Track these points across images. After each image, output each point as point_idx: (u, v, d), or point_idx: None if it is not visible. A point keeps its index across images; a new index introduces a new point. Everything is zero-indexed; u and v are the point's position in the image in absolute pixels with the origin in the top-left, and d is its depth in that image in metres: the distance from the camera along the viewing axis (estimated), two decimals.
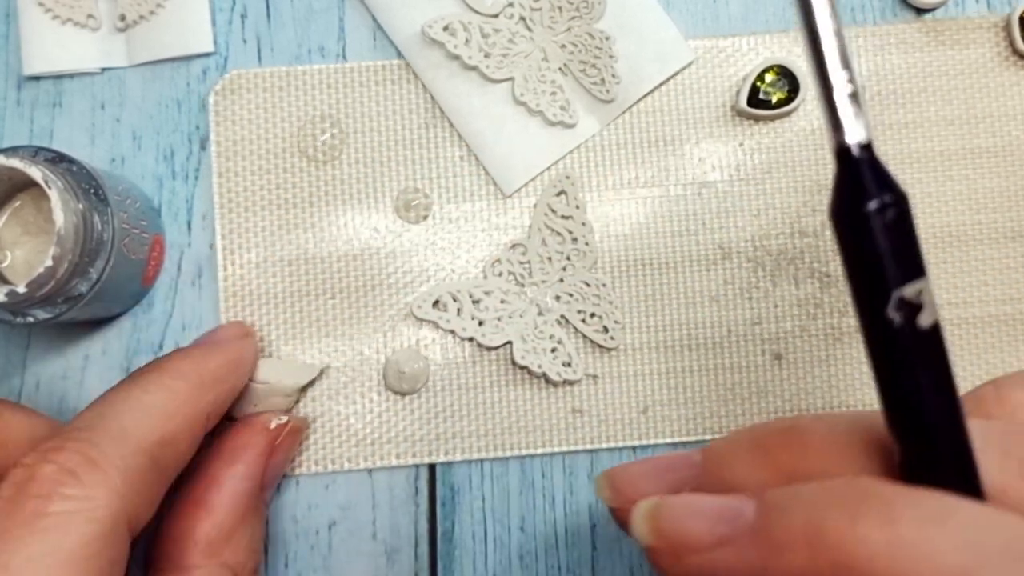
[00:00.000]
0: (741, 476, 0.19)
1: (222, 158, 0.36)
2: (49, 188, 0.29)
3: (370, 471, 0.35)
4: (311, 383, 0.35)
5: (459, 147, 0.36)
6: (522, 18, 0.36)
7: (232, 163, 0.36)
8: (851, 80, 0.16)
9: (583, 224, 0.36)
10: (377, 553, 0.35)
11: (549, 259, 0.36)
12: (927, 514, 0.15)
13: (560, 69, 0.36)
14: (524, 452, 0.35)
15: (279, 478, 0.33)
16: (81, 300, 0.31)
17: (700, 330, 0.36)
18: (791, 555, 0.16)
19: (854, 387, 0.35)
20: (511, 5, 0.36)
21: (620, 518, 0.21)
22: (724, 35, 0.37)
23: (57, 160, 0.32)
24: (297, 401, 0.35)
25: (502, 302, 0.35)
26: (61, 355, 0.35)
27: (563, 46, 0.36)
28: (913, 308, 0.16)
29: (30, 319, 0.31)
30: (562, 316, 0.35)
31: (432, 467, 0.35)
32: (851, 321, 0.36)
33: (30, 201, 0.32)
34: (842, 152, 0.16)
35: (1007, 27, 0.37)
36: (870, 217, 0.15)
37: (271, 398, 0.33)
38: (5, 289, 0.29)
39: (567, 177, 0.36)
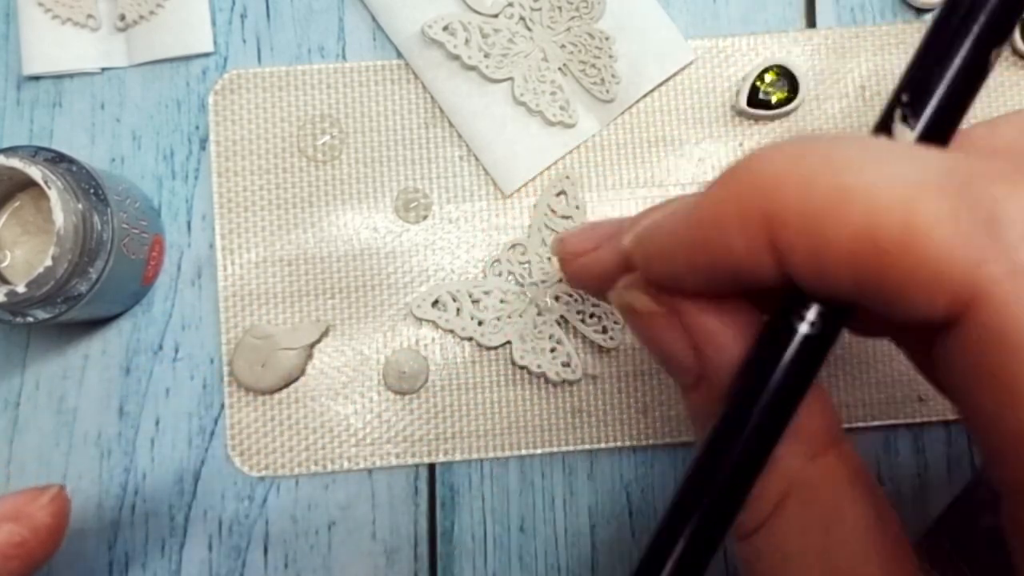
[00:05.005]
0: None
1: (221, 158, 0.36)
2: (49, 188, 0.29)
3: (370, 471, 0.35)
4: (318, 340, 0.35)
5: (459, 147, 0.36)
6: (522, 18, 0.36)
7: (232, 163, 0.36)
8: None
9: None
10: (377, 553, 0.35)
11: (549, 259, 0.35)
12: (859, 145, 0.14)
13: (560, 69, 0.36)
14: (524, 452, 0.35)
15: None
16: (81, 300, 0.31)
17: None
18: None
19: (854, 386, 0.35)
20: (511, 5, 0.36)
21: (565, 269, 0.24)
22: (724, 35, 0.37)
23: (57, 160, 0.32)
24: (308, 359, 0.35)
25: (502, 302, 0.35)
26: (61, 355, 0.35)
27: (563, 46, 0.36)
28: None
29: (30, 319, 0.31)
30: (561, 316, 0.35)
31: (432, 467, 0.35)
32: None
33: (30, 201, 0.32)
34: None
35: None
36: None
37: (277, 353, 0.34)
38: (5, 289, 0.29)
39: (567, 177, 0.36)
